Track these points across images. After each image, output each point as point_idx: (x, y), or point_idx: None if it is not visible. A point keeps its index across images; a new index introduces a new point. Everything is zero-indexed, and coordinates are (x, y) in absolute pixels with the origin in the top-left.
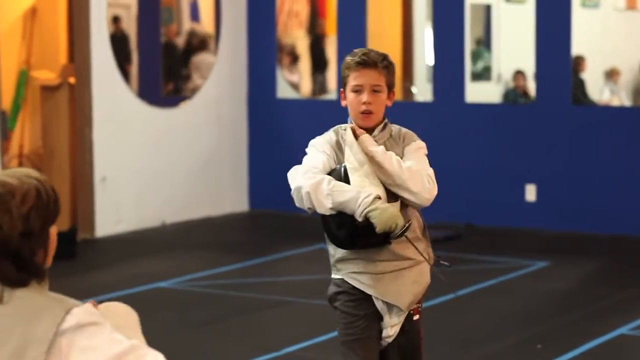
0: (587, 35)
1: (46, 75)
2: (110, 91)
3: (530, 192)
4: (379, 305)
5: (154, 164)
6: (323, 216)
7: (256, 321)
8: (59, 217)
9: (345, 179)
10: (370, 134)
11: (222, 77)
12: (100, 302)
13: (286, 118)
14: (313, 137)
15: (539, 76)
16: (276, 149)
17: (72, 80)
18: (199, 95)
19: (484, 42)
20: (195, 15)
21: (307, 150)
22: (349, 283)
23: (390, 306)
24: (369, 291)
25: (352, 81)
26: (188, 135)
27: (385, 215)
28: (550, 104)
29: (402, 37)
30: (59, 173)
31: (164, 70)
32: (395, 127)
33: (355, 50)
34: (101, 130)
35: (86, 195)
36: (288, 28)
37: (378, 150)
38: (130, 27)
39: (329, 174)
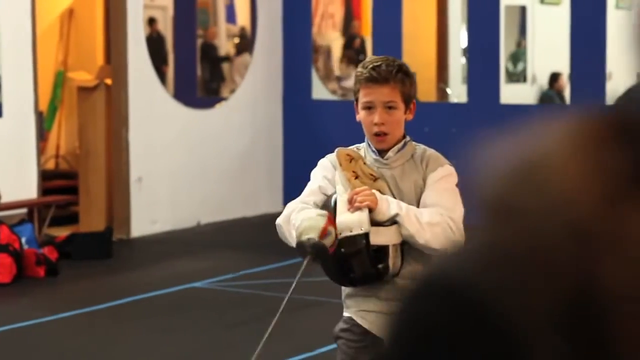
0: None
1: (83, 76)
2: (147, 92)
3: None
4: None
5: (190, 165)
6: None
7: (291, 321)
8: (95, 217)
9: (336, 208)
10: (384, 156)
11: (257, 78)
12: None
13: (321, 119)
14: (348, 138)
15: (574, 78)
16: (311, 149)
17: (108, 81)
18: (235, 96)
19: (519, 44)
20: (231, 16)
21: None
22: (355, 321)
23: None
24: (377, 332)
25: (363, 97)
26: (223, 136)
27: (305, 223)
28: (585, 105)
29: (437, 38)
30: (95, 173)
31: (202, 71)
32: (419, 148)
33: (367, 60)
34: (137, 131)
35: (122, 195)
36: (322, 30)
37: (395, 213)
38: (166, 28)
39: (324, 204)
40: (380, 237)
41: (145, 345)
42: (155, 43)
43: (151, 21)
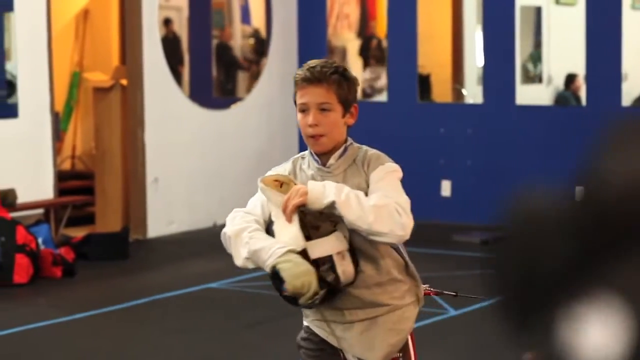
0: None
1: (98, 77)
2: (162, 93)
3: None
4: (349, 358)
5: (206, 165)
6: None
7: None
8: (111, 218)
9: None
10: (326, 162)
11: (272, 79)
12: None
13: None
14: (362, 139)
15: (589, 79)
16: None
17: (124, 81)
18: (250, 97)
19: (537, 45)
20: (246, 17)
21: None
22: (313, 331)
23: None
24: (334, 343)
25: (298, 99)
26: (239, 136)
27: (297, 270)
28: (600, 106)
29: (452, 38)
30: (111, 174)
31: (218, 71)
32: (362, 150)
33: (307, 63)
34: (153, 131)
35: (138, 196)
36: (338, 30)
37: (330, 201)
38: (181, 29)
39: (268, 226)
40: (319, 249)
41: (161, 346)
42: (171, 43)
43: (167, 22)
